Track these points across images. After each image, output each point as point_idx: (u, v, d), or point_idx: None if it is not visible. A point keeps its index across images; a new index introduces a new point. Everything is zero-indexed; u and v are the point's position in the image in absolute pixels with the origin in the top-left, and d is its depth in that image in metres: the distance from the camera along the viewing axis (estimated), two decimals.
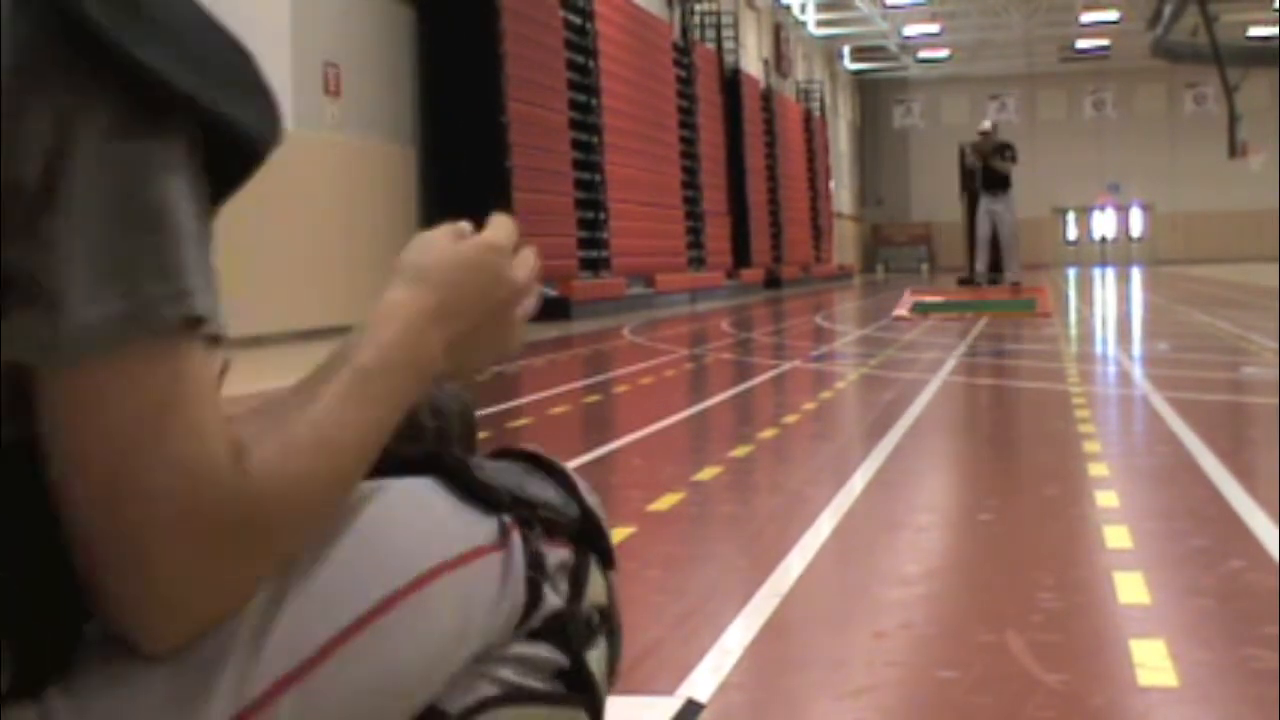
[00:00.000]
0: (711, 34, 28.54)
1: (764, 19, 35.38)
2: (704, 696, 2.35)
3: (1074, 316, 15.86)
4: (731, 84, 29.62)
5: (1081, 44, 46.48)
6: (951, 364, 9.17)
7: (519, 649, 1.03)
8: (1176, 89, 48.79)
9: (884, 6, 40.68)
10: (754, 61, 33.17)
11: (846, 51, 47.25)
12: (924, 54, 47.66)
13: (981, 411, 7.31)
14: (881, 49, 46.62)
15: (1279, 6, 34.95)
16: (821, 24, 42.32)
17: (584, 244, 19.71)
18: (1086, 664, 2.49)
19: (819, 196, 38.36)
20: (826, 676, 2.48)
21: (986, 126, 22.50)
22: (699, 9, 27.61)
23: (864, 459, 5.05)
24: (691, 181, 25.83)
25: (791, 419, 6.44)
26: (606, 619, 1.12)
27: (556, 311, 16.09)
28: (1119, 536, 3.58)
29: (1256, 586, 3.04)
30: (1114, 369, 9.11)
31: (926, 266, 47.68)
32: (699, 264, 25.62)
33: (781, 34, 36.95)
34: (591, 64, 20.43)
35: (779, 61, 36.05)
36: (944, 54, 47.74)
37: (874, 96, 52.14)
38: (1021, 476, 4.96)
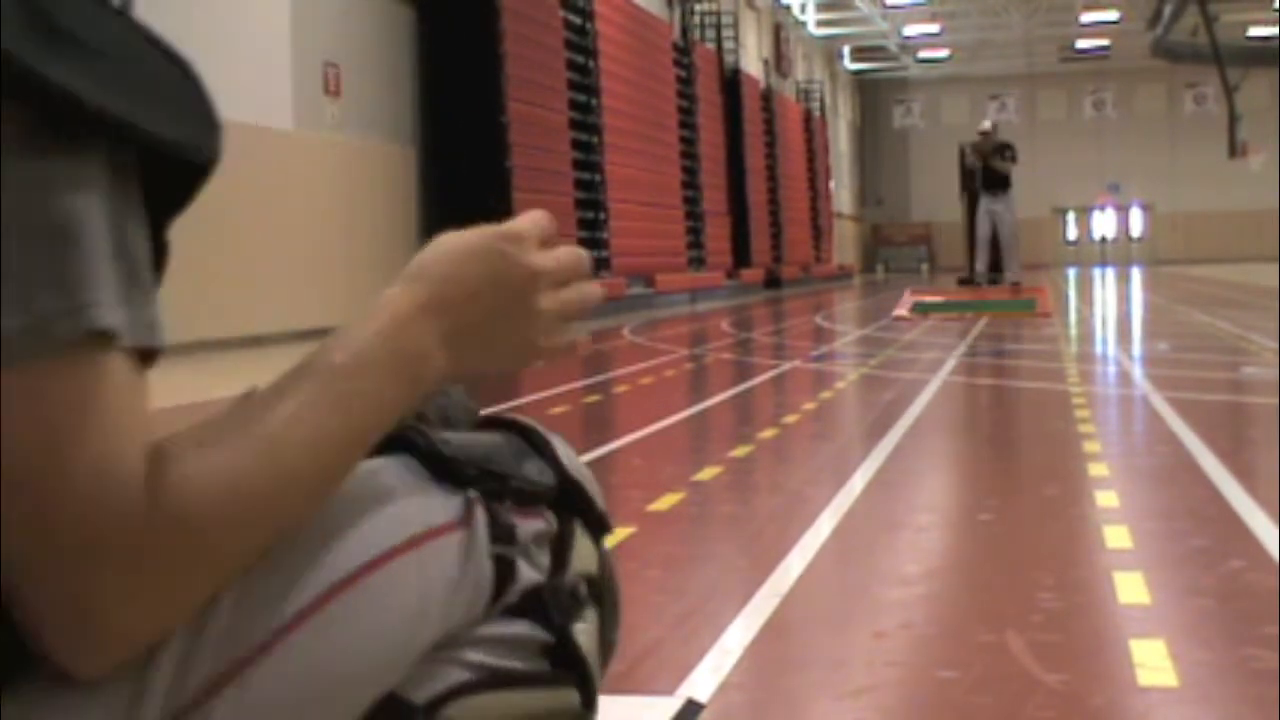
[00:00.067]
0: (711, 34, 28.55)
1: (764, 19, 35.38)
2: (704, 696, 2.35)
3: (1074, 316, 15.86)
4: (731, 84, 29.62)
5: (1081, 44, 46.49)
6: (951, 364, 9.17)
7: (494, 629, 0.99)
8: (1176, 89, 48.80)
9: (884, 6, 40.68)
10: (754, 61, 33.17)
11: (846, 51, 47.26)
12: (924, 54, 47.67)
13: (981, 411, 7.31)
14: (881, 49, 46.63)
15: (1279, 6, 34.96)
16: (821, 24, 42.33)
17: (584, 244, 19.67)
18: (1086, 664, 2.49)
19: (819, 196, 38.37)
20: (826, 676, 2.48)
21: (986, 126, 22.51)
22: (699, 9, 27.61)
23: (864, 459, 5.05)
24: (691, 181, 25.83)
25: (791, 419, 6.44)
26: (598, 588, 1.07)
27: None
28: (1119, 536, 3.58)
29: (1256, 586, 3.04)
30: (1114, 369, 9.10)
31: (926, 266, 47.69)
32: (699, 264, 25.62)
33: (781, 34, 36.96)
34: (591, 64, 20.43)
35: (779, 61, 36.06)
36: (944, 54, 47.75)
37: (874, 96, 52.15)
38: (1021, 476, 4.96)
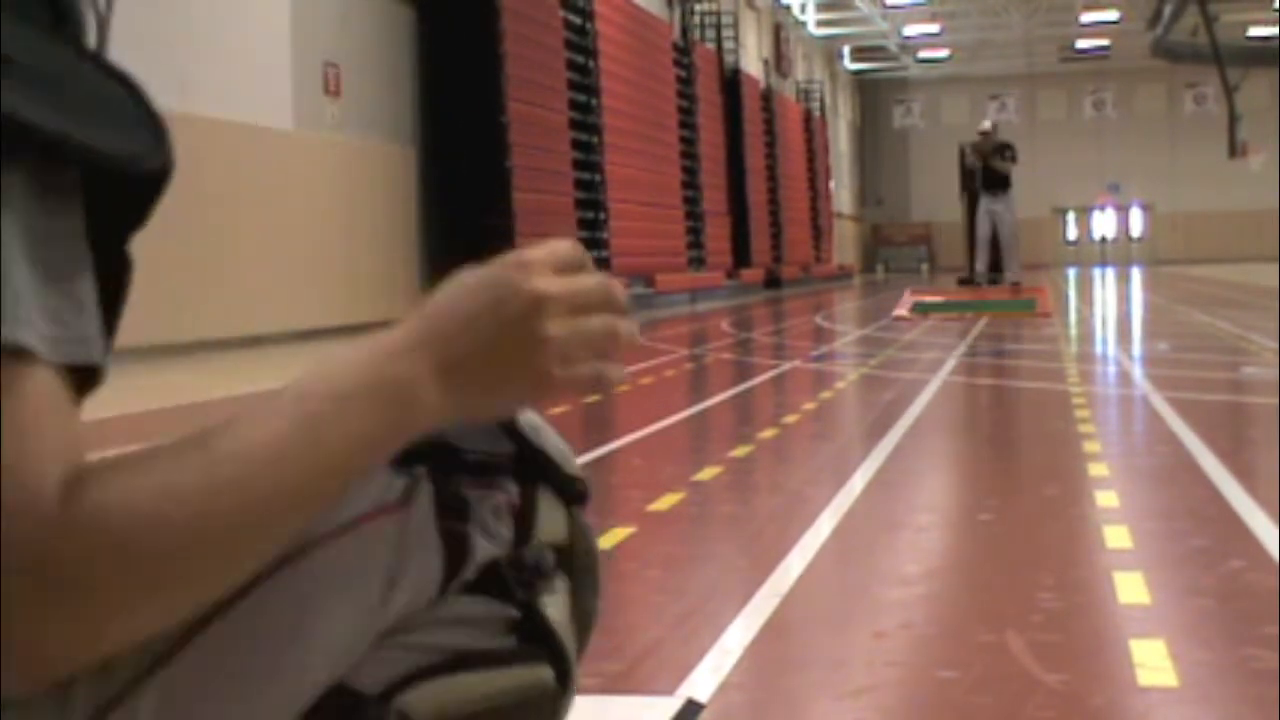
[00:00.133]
0: (711, 34, 28.55)
1: (764, 19, 35.38)
2: (704, 696, 2.35)
3: (1074, 316, 15.86)
4: (731, 84, 29.63)
5: (1081, 44, 46.49)
6: (951, 364, 9.17)
7: (451, 609, 0.96)
8: (1176, 89, 48.80)
9: (884, 6, 40.68)
10: (754, 61, 33.18)
11: (846, 51, 47.27)
12: (924, 54, 47.67)
13: (981, 411, 7.31)
14: (881, 49, 46.63)
15: (1279, 6, 34.96)
16: (821, 24, 42.33)
17: (584, 244, 19.39)
18: (1086, 664, 2.49)
19: (819, 196, 38.37)
20: (826, 676, 2.48)
21: (986, 126, 22.51)
22: (699, 9, 27.62)
23: (864, 459, 5.05)
24: (691, 181, 25.83)
25: (791, 419, 6.44)
26: (568, 557, 1.03)
27: None
28: (1119, 536, 3.58)
29: (1256, 586, 3.04)
30: (1114, 369, 9.10)
31: (926, 266, 47.69)
32: (699, 264, 25.62)
33: (781, 34, 36.96)
34: (591, 64, 20.44)
35: (779, 61, 36.06)
36: (944, 54, 47.75)
37: (874, 96, 52.15)
38: (1021, 476, 4.96)
